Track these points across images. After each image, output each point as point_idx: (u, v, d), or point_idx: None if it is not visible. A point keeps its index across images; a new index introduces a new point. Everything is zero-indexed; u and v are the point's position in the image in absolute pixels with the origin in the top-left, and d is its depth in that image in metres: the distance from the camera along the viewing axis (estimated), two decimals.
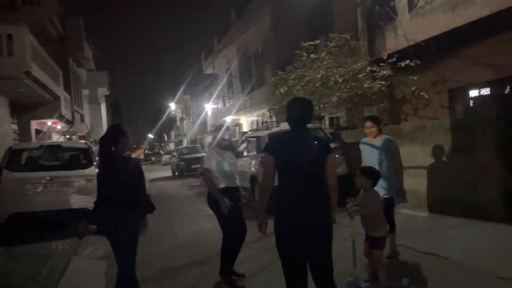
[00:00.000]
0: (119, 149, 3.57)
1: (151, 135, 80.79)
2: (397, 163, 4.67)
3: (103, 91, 32.20)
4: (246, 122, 23.29)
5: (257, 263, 5.07)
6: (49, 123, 16.03)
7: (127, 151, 3.97)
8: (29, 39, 10.86)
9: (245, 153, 10.02)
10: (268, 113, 13.45)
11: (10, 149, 7.27)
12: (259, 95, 17.63)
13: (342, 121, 11.82)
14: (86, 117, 25.50)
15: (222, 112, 26.30)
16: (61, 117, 15.88)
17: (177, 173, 22.42)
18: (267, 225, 3.13)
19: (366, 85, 8.86)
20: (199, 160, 20.40)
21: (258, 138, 9.17)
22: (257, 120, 20.12)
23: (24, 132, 14.13)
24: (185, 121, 44.54)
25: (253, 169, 8.79)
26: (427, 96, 8.70)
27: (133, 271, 3.70)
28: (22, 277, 4.83)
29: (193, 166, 20.58)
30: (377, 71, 8.97)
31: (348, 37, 9.69)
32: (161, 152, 54.17)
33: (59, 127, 17.49)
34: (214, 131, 4.67)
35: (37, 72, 11.44)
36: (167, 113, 50.17)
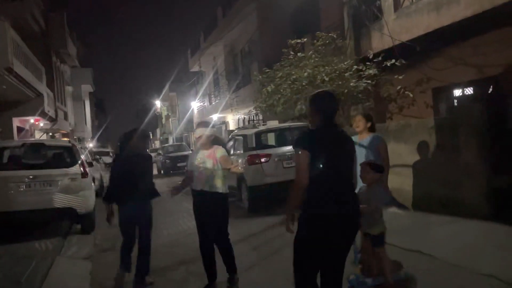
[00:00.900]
0: (134, 147, 4.53)
1: None
2: (384, 160, 4.69)
3: (87, 88, 31.75)
4: (232, 120, 23.23)
5: (244, 261, 5.06)
6: (32, 120, 15.73)
7: (143, 149, 4.79)
8: (10, 35, 10.63)
9: (232, 152, 10.00)
10: (254, 111, 13.43)
11: None
12: (246, 93, 17.60)
13: None
14: (69, 115, 25.10)
15: (208, 110, 26.19)
16: (44, 114, 15.60)
17: (162, 171, 22.27)
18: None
19: (352, 84, 8.92)
20: (185, 158, 20.28)
21: (245, 136, 9.15)
22: (244, 118, 20.09)
23: (5, 129, 13.84)
24: (170, 119, 44.22)
25: (239, 168, 8.76)
26: (412, 95, 8.81)
27: (150, 243, 4.64)
28: (4, 278, 4.73)
29: (179, 164, 20.47)
30: (363, 70, 9.03)
31: (334, 36, 9.73)
32: (147, 150, 53.60)
33: (41, 124, 17.18)
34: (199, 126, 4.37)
35: (19, 68, 11.21)
36: (153, 110, 49.75)
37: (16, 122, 14.69)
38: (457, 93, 8.97)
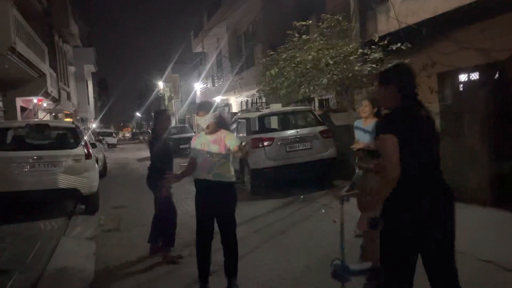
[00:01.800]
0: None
1: (138, 114, 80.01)
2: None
3: (89, 68, 31.65)
4: (235, 102, 23.15)
5: (246, 244, 5.12)
6: (35, 100, 15.72)
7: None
8: (13, 13, 10.53)
9: (235, 135, 10.00)
10: (258, 94, 13.37)
11: None
12: (249, 76, 17.48)
13: (331, 103, 11.82)
14: (72, 95, 25.06)
15: (211, 92, 26.08)
16: (47, 95, 15.58)
17: None
18: None
19: (357, 68, 8.84)
20: (188, 140, 20.30)
21: (248, 119, 9.13)
22: (247, 100, 20.02)
23: (9, 109, 13.85)
24: (173, 100, 44.10)
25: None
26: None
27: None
28: (10, 258, 4.81)
29: (181, 146, 20.49)
30: (368, 53, 8.94)
31: (340, 18, 9.60)
32: (149, 131, 53.69)
33: (45, 104, 17.18)
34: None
35: (22, 48, 11.14)
36: (155, 91, 49.58)
37: (19, 102, 14.69)
38: (463, 78, 8.88)
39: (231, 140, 3.68)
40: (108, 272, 4.46)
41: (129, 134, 75.35)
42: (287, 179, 8.37)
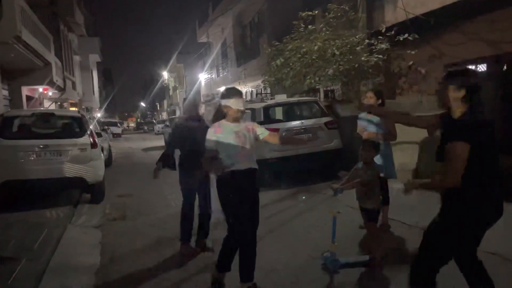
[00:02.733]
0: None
1: (143, 104, 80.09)
2: (394, 135, 4.89)
3: (94, 58, 31.61)
4: None
5: None
6: (40, 89, 15.76)
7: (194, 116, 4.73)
8: (18, 2, 10.51)
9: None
10: (263, 85, 13.32)
11: (1, 116, 7.17)
12: (254, 66, 17.41)
13: (337, 94, 11.76)
14: (77, 84, 25.10)
15: (216, 82, 26.03)
16: (52, 84, 15.61)
17: None
18: None
19: (363, 58, 8.78)
20: None
21: (253, 110, 9.10)
22: (252, 91, 19.97)
23: (15, 98, 13.91)
24: (178, 90, 44.07)
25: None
26: (423, 71, 8.67)
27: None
28: (17, 246, 4.86)
29: None
30: (375, 44, 8.86)
31: (346, 8, 9.51)
32: (154, 121, 53.89)
33: (50, 93, 17.22)
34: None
35: (28, 36, 11.15)
36: (160, 81, 49.58)
37: (25, 91, 14.73)
38: None
39: (260, 128, 3.60)
40: (113, 260, 4.50)
41: (134, 124, 75.55)
42: (291, 170, 8.36)
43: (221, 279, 3.61)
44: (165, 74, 45.29)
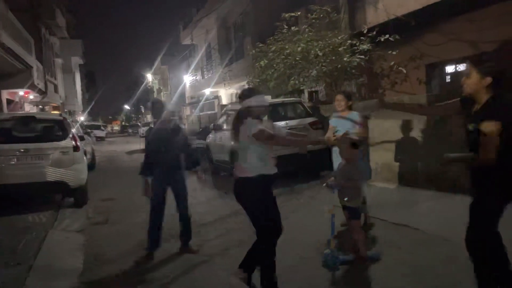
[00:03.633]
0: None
1: (127, 107, 79.28)
2: (365, 135, 4.95)
3: (77, 61, 31.23)
4: (225, 94, 23.08)
5: (235, 236, 5.14)
6: (21, 93, 15.49)
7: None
8: None
9: (225, 127, 9.98)
10: (247, 86, 13.34)
11: None
12: (239, 68, 17.42)
13: (321, 95, 11.85)
14: (59, 87, 24.73)
15: (200, 84, 25.96)
16: (33, 87, 15.34)
17: None
18: None
19: (345, 59, 8.87)
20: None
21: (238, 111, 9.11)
22: (237, 92, 19.97)
23: None
24: (162, 93, 43.80)
25: (232, 143, 8.77)
26: (405, 71, 8.80)
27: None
28: None
29: None
30: (357, 45, 8.96)
31: (329, 9, 9.60)
32: (139, 124, 53.41)
33: (31, 97, 16.94)
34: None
35: (7, 40, 10.96)
36: (144, 84, 49.19)
37: (5, 94, 14.46)
38: (450, 69, 8.97)
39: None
40: (96, 264, 4.44)
41: (118, 127, 74.73)
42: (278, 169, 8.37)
43: (250, 279, 3.52)
44: (149, 76, 45.00)
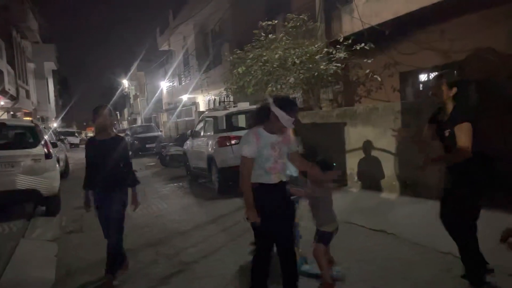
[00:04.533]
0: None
1: None
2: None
3: (50, 66, 30.50)
4: (203, 101, 22.97)
5: (213, 243, 5.10)
6: None
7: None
8: None
9: (202, 133, 9.93)
10: (225, 93, 13.32)
11: None
12: (216, 74, 17.39)
13: (298, 102, 11.95)
14: (31, 93, 24.10)
15: (178, 90, 25.78)
16: (4, 93, 14.91)
17: (131, 152, 21.90)
18: None
19: (322, 67, 8.98)
20: (154, 139, 19.98)
21: (215, 118, 9.10)
22: (214, 99, 19.91)
23: None
24: (139, 99, 43.23)
25: (210, 150, 8.74)
26: (380, 79, 8.98)
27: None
28: None
29: (147, 145, 20.17)
30: (334, 53, 9.09)
31: (305, 18, 9.71)
32: (114, 130, 52.41)
33: (2, 103, 16.45)
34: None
35: None
36: (120, 90, 48.39)
37: None
38: (423, 77, 9.20)
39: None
40: (69, 274, 4.32)
41: (92, 133, 73.24)
42: None
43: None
44: (126, 82, 44.31)
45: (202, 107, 22.48)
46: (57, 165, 7.79)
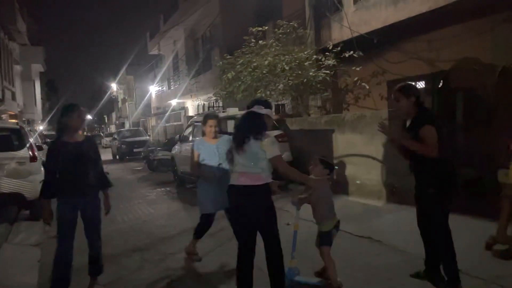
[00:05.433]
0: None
1: (90, 116, 77.13)
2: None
3: (37, 68, 30.15)
4: (192, 106, 22.92)
5: (200, 248, 5.07)
6: None
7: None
8: None
9: (191, 138, 9.89)
10: (214, 98, 13.32)
11: None
12: (206, 79, 17.39)
13: (287, 108, 12.00)
14: (18, 95, 23.76)
15: (167, 95, 25.68)
16: None
17: (118, 157, 21.76)
18: None
19: (311, 74, 9.04)
20: (142, 143, 19.84)
21: None
22: (204, 104, 19.89)
23: None
24: (127, 103, 42.96)
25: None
26: (367, 86, 9.07)
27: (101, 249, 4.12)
28: None
29: (135, 150, 20.02)
30: (323, 60, 9.17)
31: (295, 25, 9.79)
32: (101, 134, 52.03)
33: None
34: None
35: None
36: (108, 93, 48.06)
37: None
38: None
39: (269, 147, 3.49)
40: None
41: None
42: None
43: None
44: (114, 86, 44.05)
45: (191, 112, 22.42)
46: (42, 169, 7.67)
